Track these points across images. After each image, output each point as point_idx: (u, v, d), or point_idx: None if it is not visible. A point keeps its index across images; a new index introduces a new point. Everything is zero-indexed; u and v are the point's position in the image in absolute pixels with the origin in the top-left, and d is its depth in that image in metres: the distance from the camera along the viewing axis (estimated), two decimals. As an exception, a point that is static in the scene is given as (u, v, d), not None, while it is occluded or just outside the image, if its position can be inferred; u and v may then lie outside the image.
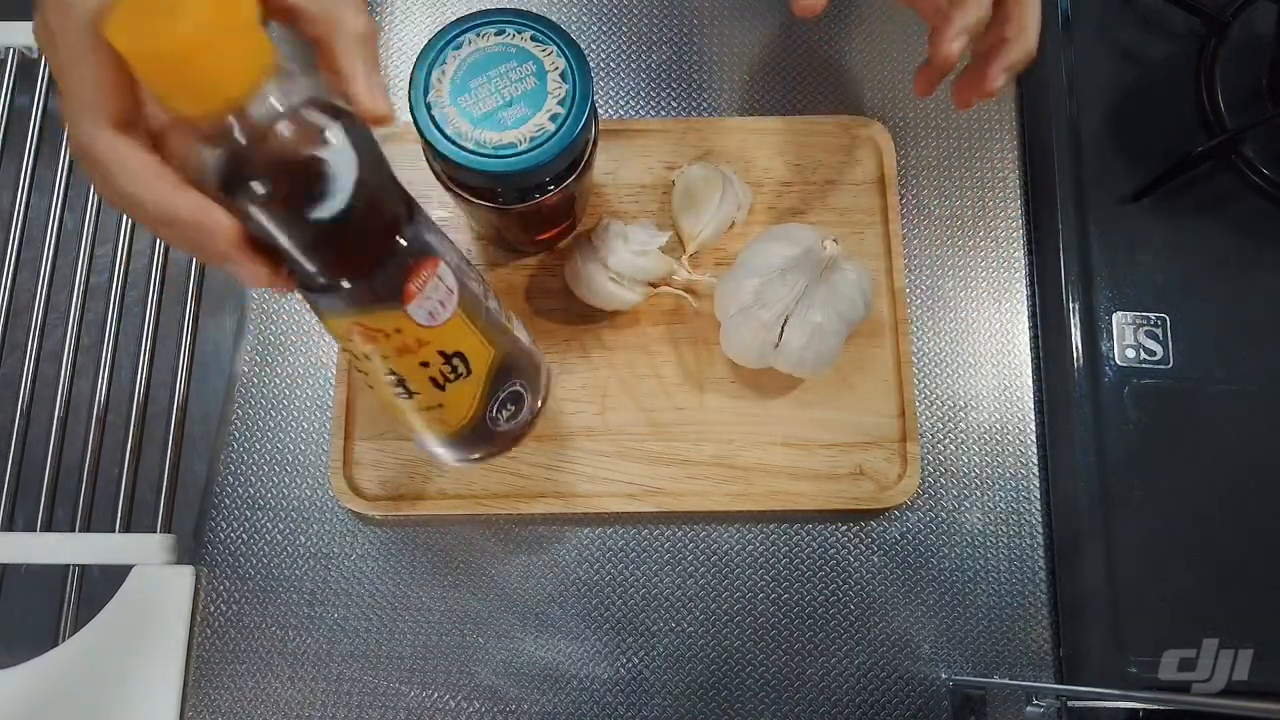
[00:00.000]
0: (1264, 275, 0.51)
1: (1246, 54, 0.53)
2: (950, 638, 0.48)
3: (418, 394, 0.38)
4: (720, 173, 0.50)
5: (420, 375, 0.37)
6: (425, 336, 0.36)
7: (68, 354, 0.52)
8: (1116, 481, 0.48)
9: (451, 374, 0.38)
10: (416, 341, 0.36)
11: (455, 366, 0.38)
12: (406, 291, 0.34)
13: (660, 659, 0.48)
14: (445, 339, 0.37)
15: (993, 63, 0.40)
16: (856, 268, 0.46)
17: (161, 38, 0.25)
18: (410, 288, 0.34)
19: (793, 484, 0.49)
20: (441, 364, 0.37)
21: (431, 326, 0.36)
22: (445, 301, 0.36)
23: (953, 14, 0.39)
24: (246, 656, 0.47)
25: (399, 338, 0.35)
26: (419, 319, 0.35)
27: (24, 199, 0.54)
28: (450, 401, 0.39)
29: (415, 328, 0.35)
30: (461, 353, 0.38)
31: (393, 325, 0.35)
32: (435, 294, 0.35)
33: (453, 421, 0.40)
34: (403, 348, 0.36)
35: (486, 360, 0.39)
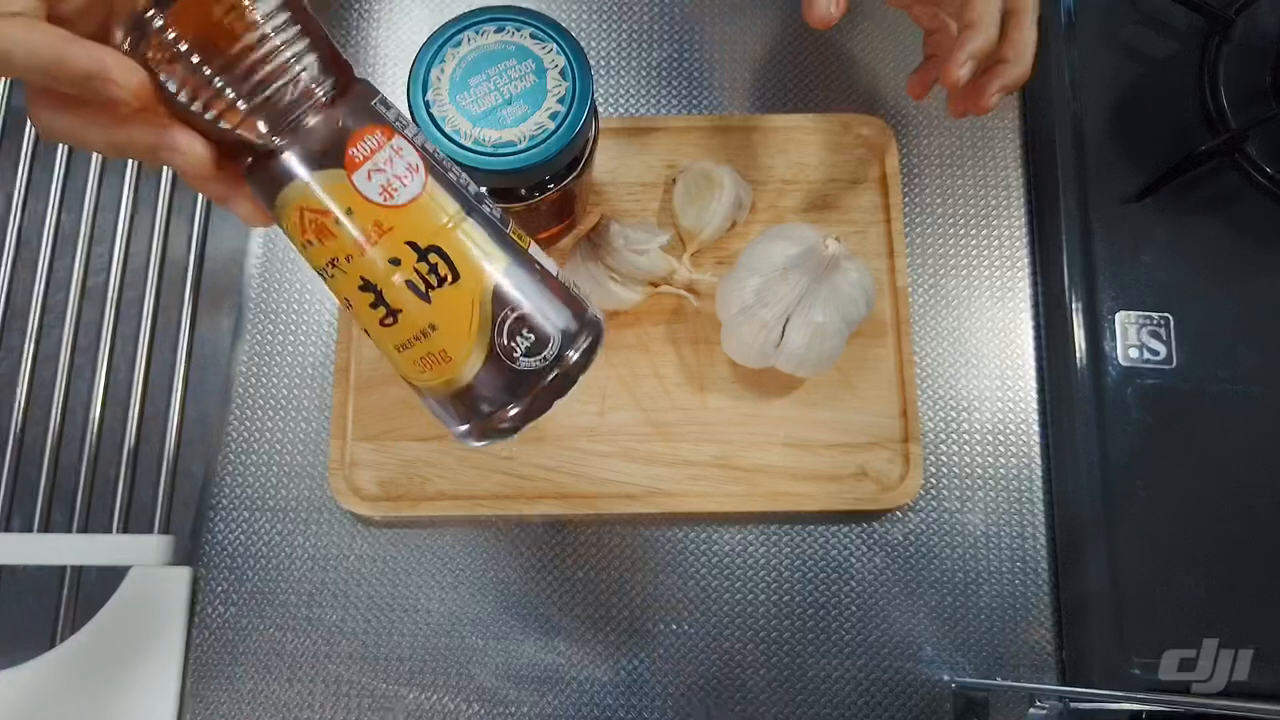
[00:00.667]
0: (1268, 275, 0.51)
1: (1250, 52, 0.53)
2: (953, 639, 0.48)
3: (401, 311, 0.33)
4: (721, 171, 0.50)
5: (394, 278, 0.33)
6: (385, 219, 0.32)
7: (65, 355, 0.52)
8: (1119, 482, 0.48)
9: (432, 276, 0.33)
10: (376, 226, 0.32)
11: (435, 265, 0.33)
12: (348, 156, 0.31)
13: (661, 661, 0.47)
14: (414, 225, 0.32)
15: (991, 81, 0.42)
16: (858, 267, 0.46)
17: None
18: (351, 151, 0.31)
19: (794, 485, 0.48)
20: (415, 260, 0.32)
21: (391, 205, 0.32)
22: (405, 178, 0.32)
23: (963, 38, 0.40)
24: (244, 657, 0.47)
25: (353, 221, 0.32)
26: (370, 194, 0.31)
27: (21, 200, 0.54)
28: (443, 319, 0.33)
29: (369, 205, 0.32)
30: (439, 247, 0.33)
31: (343, 202, 0.31)
32: (390, 166, 0.32)
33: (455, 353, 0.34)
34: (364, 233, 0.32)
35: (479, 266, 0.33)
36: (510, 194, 0.41)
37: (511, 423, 0.35)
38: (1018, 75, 0.41)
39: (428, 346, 0.33)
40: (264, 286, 0.52)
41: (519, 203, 0.41)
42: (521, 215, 0.43)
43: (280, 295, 0.52)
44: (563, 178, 0.41)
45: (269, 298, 0.52)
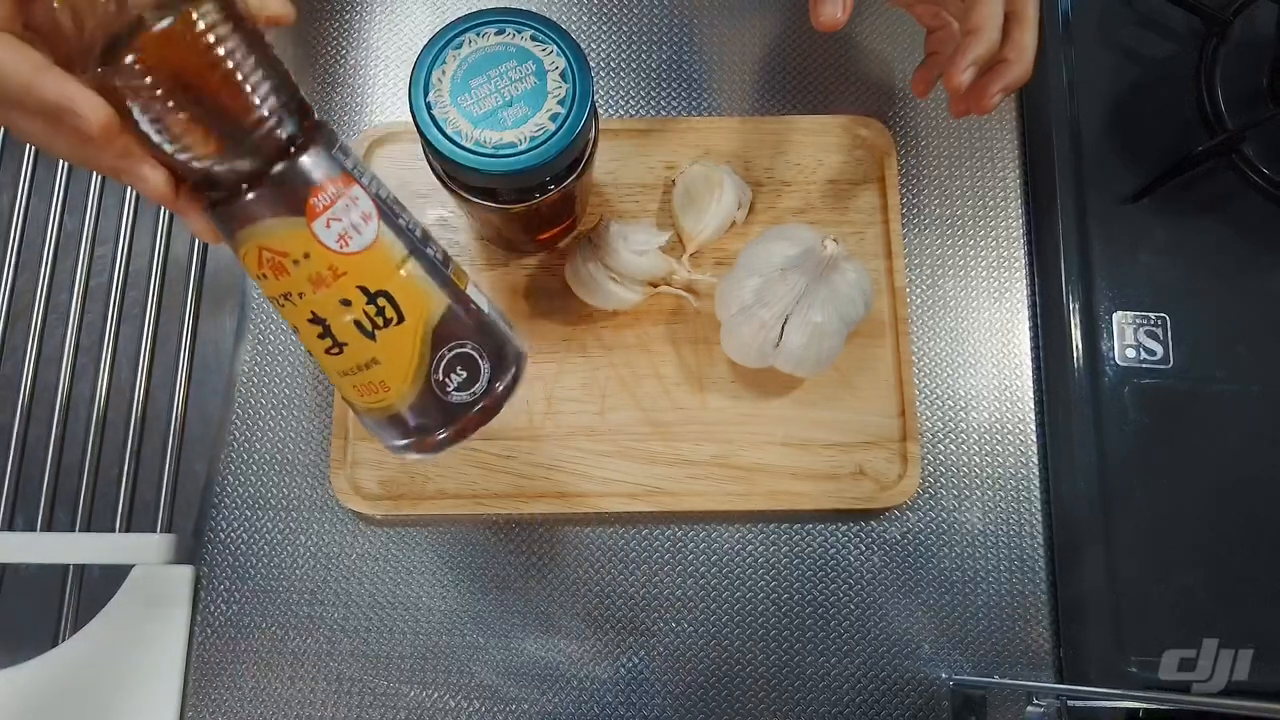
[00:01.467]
0: (1265, 275, 0.51)
1: (1247, 53, 0.53)
2: (950, 638, 0.48)
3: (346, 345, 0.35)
4: (720, 172, 0.50)
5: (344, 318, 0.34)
6: (340, 264, 0.33)
7: (68, 355, 0.52)
8: (1116, 481, 0.48)
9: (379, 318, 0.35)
10: (330, 270, 0.33)
11: (382, 309, 0.35)
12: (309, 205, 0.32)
13: (660, 658, 0.48)
14: (366, 271, 0.34)
15: (992, 82, 0.42)
16: (857, 267, 0.46)
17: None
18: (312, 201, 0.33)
19: (793, 484, 0.49)
20: (365, 303, 0.34)
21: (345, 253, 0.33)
22: (360, 227, 0.34)
23: (966, 44, 0.41)
24: (247, 656, 0.48)
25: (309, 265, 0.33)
26: (328, 241, 0.33)
27: (24, 201, 0.54)
28: (386, 355, 0.35)
29: (326, 252, 0.33)
30: (388, 291, 0.35)
31: (300, 248, 0.33)
32: (347, 215, 0.33)
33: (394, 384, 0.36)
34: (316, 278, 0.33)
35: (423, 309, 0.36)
36: (511, 195, 0.41)
37: (442, 444, 0.39)
38: (1019, 75, 0.42)
39: (369, 377, 0.36)
40: (266, 287, 0.53)
41: (519, 204, 0.41)
42: (522, 216, 0.43)
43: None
44: (563, 179, 0.41)
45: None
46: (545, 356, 0.50)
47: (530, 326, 0.51)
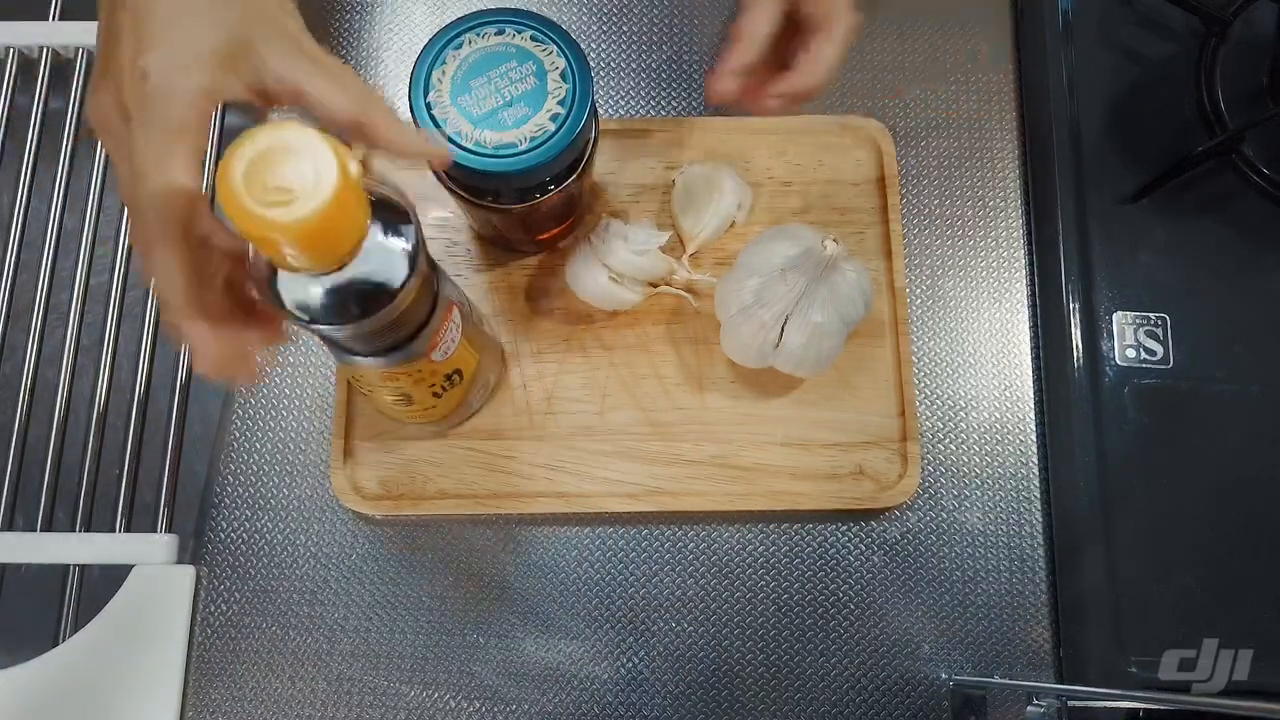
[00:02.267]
0: (1265, 275, 0.51)
1: (1247, 53, 0.53)
2: (950, 637, 0.48)
3: (417, 404, 0.42)
4: (720, 173, 0.50)
5: (423, 391, 0.41)
6: (437, 368, 0.39)
7: (68, 355, 0.52)
8: (1117, 481, 0.48)
9: (449, 385, 0.42)
10: (431, 372, 0.39)
11: (452, 379, 0.41)
12: (432, 345, 0.38)
13: (660, 658, 0.48)
14: (450, 364, 0.40)
15: (774, 83, 0.41)
16: (857, 267, 0.46)
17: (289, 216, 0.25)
18: (435, 341, 0.38)
19: (793, 484, 0.49)
20: (443, 381, 0.41)
21: (441, 361, 0.39)
22: (456, 338, 0.39)
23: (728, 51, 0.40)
24: (247, 656, 0.48)
25: (415, 375, 0.39)
26: (436, 359, 0.39)
27: (24, 200, 0.54)
28: (442, 404, 0.43)
29: (432, 365, 0.39)
30: (459, 369, 0.41)
31: (414, 370, 0.38)
32: (450, 335, 0.38)
33: (439, 415, 0.45)
34: (417, 380, 0.39)
35: (474, 365, 0.43)
36: (511, 195, 0.41)
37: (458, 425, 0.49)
38: (802, 87, 0.40)
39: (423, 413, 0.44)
40: (266, 287, 0.53)
41: (520, 204, 0.41)
42: (523, 216, 0.43)
43: None
44: (563, 179, 0.41)
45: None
46: (545, 356, 0.50)
47: (530, 326, 0.51)
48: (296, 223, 0.25)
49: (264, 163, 0.25)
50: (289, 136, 0.25)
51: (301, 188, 0.25)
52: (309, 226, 0.25)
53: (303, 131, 0.25)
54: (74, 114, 0.56)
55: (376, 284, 0.31)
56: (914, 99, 0.55)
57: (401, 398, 0.41)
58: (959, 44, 0.56)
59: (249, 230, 0.25)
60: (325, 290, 0.30)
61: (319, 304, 0.31)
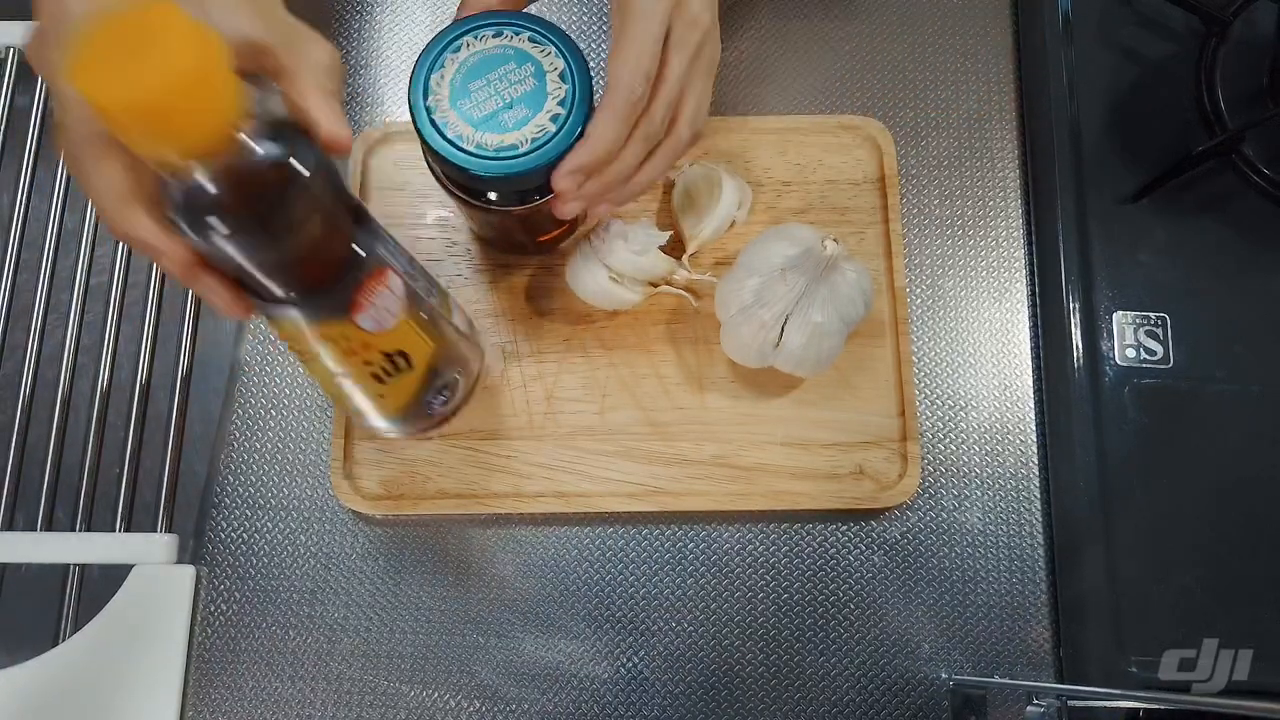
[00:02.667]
0: (1264, 275, 0.51)
1: (1247, 53, 0.53)
2: (950, 637, 0.48)
3: (360, 386, 0.39)
4: (720, 172, 0.50)
5: (363, 372, 0.38)
6: (371, 341, 0.37)
7: (68, 354, 0.52)
8: (1116, 481, 0.48)
9: (393, 370, 0.39)
10: (362, 345, 0.37)
11: (397, 364, 0.39)
12: (355, 304, 0.35)
13: (660, 658, 0.48)
14: (389, 341, 0.37)
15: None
16: (857, 267, 0.46)
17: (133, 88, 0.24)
18: (359, 300, 0.35)
19: (793, 484, 0.49)
20: (384, 362, 0.38)
21: (377, 332, 0.36)
22: (392, 308, 0.36)
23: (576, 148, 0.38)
24: (247, 656, 0.48)
25: (344, 343, 0.36)
26: (366, 327, 0.36)
27: (24, 200, 0.54)
28: (390, 393, 0.40)
29: (361, 334, 0.36)
30: (404, 351, 0.38)
31: (339, 333, 0.36)
32: (383, 302, 0.36)
33: (390, 409, 0.42)
34: (348, 351, 0.37)
35: (426, 355, 0.40)
36: (512, 197, 0.41)
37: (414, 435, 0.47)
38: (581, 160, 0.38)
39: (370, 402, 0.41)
40: (266, 287, 0.53)
41: (522, 206, 0.41)
42: (524, 218, 0.43)
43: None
44: None
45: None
46: (545, 356, 0.50)
47: (530, 326, 0.51)
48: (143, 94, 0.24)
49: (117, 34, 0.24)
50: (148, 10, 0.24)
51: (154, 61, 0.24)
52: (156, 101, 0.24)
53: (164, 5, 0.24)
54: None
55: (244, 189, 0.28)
56: (915, 98, 0.55)
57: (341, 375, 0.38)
58: (959, 44, 0.56)
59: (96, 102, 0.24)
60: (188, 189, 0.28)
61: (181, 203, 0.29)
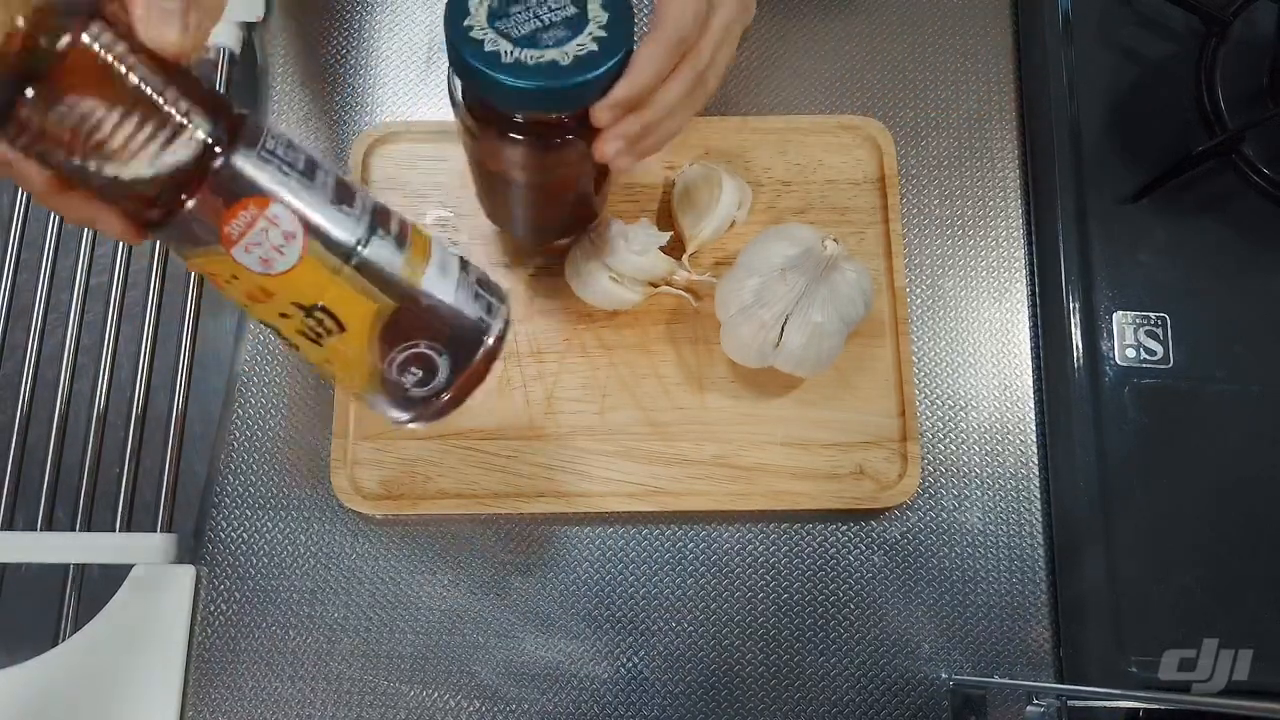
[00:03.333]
0: (1265, 275, 0.51)
1: (1247, 53, 0.53)
2: (950, 637, 0.48)
3: (299, 348, 0.35)
4: (720, 172, 0.50)
5: (287, 328, 0.34)
6: (268, 285, 0.32)
7: (68, 355, 0.52)
8: (1116, 481, 0.48)
9: (320, 329, 0.34)
10: (261, 290, 0.33)
11: (320, 320, 0.33)
12: (222, 234, 0.31)
13: (660, 658, 0.48)
14: (295, 289, 0.33)
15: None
16: (857, 267, 0.46)
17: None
18: (225, 229, 0.31)
19: (793, 484, 0.49)
20: (303, 316, 0.33)
21: (271, 274, 0.32)
22: (283, 248, 0.32)
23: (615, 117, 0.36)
24: (247, 655, 0.48)
25: (241, 284, 0.32)
26: (251, 266, 0.32)
27: (24, 200, 0.54)
28: (336, 359, 0.35)
29: (251, 275, 0.32)
30: (323, 305, 0.33)
31: (227, 271, 0.32)
32: (266, 238, 0.32)
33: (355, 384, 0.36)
34: (250, 295, 0.33)
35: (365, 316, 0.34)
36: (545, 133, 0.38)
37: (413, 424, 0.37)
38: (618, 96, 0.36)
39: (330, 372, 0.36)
40: (266, 286, 0.53)
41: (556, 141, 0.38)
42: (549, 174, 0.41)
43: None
44: None
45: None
46: (545, 356, 0.50)
47: (530, 326, 0.51)
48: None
49: None
50: None
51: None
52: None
53: None
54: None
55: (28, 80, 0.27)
56: (915, 98, 0.55)
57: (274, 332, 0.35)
58: (959, 44, 0.56)
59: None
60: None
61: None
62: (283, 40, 0.57)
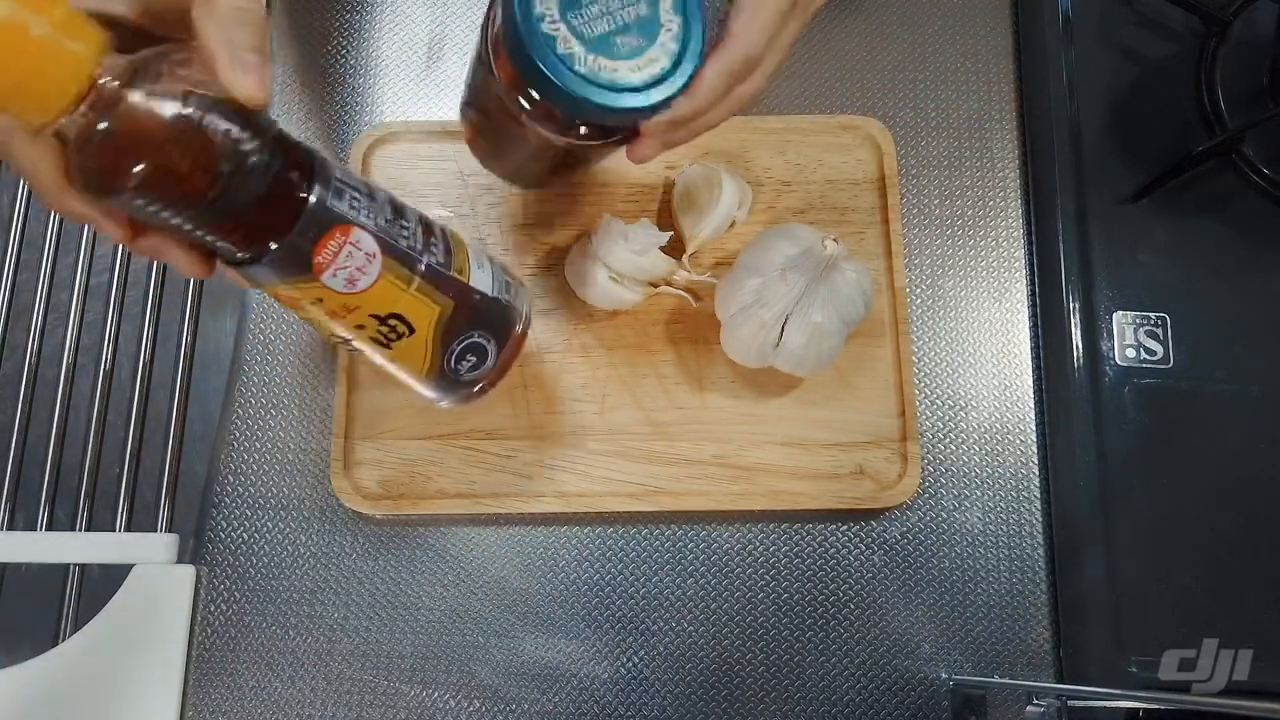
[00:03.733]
0: (1264, 275, 0.51)
1: (1247, 53, 0.53)
2: (950, 637, 0.48)
3: (361, 351, 0.38)
4: (720, 172, 0.50)
5: (361, 336, 0.37)
6: (351, 302, 0.35)
7: (68, 354, 0.52)
8: (1116, 481, 0.48)
9: (391, 334, 0.37)
10: (343, 307, 0.36)
11: (394, 327, 0.37)
12: (314, 263, 0.34)
13: (660, 658, 0.48)
14: (375, 303, 0.36)
15: None
16: (857, 267, 0.46)
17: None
18: (317, 259, 0.34)
19: (793, 484, 0.49)
20: (378, 325, 0.37)
21: (355, 293, 0.35)
22: (365, 268, 0.35)
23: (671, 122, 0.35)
24: (247, 655, 0.48)
25: (325, 304, 0.35)
26: (337, 287, 0.35)
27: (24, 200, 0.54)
28: (400, 358, 0.39)
29: (336, 295, 0.35)
30: (398, 314, 0.37)
31: (313, 295, 0.35)
32: (351, 261, 0.34)
33: (413, 376, 0.40)
34: (332, 313, 0.36)
35: (430, 318, 0.38)
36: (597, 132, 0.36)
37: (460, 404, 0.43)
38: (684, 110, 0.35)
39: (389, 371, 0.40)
40: (266, 286, 0.53)
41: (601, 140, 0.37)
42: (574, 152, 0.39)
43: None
44: None
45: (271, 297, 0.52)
46: (545, 356, 0.50)
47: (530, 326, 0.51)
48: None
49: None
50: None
51: None
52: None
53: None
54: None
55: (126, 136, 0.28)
56: (914, 98, 0.55)
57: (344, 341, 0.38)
58: (959, 44, 0.56)
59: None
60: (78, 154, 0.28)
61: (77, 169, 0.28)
62: (283, 40, 0.57)
